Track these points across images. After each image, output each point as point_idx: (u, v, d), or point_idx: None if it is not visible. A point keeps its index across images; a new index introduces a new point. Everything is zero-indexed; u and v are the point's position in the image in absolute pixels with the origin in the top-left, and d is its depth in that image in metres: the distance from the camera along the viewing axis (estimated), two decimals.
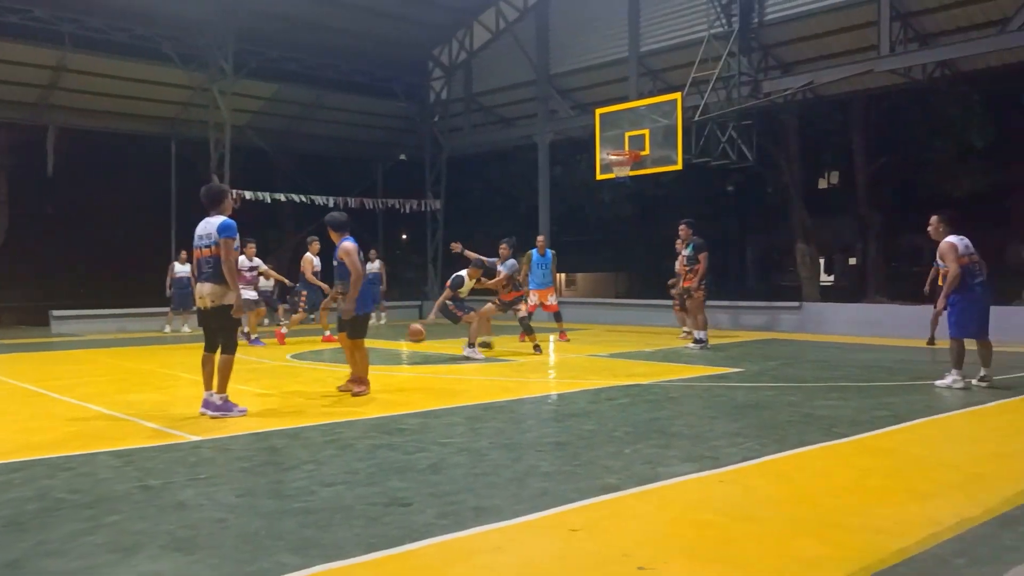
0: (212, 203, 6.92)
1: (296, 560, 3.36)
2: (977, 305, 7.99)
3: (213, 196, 6.96)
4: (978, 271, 7.99)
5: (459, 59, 23.13)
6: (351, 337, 7.89)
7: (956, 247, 7.90)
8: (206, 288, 6.72)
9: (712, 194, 30.77)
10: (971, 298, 7.95)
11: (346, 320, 7.87)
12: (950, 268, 7.87)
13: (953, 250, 7.89)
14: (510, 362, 11.09)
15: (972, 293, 7.94)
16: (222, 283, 6.70)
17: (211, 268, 6.70)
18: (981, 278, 8.00)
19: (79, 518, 3.95)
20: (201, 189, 7.10)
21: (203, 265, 6.75)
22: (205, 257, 6.73)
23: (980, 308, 8.02)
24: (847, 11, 15.75)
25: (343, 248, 7.80)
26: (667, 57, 18.59)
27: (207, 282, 6.71)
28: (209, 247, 6.72)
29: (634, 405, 7.33)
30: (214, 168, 19.25)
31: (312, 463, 5.10)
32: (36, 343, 14.98)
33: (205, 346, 6.93)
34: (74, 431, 6.26)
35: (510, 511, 4.03)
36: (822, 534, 3.69)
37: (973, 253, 8.01)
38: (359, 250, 7.94)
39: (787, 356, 11.66)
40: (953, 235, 8.03)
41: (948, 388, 7.95)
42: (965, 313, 7.95)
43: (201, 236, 6.81)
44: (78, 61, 18.14)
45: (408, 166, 25.20)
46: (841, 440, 5.74)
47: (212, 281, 6.70)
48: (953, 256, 7.86)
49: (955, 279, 7.85)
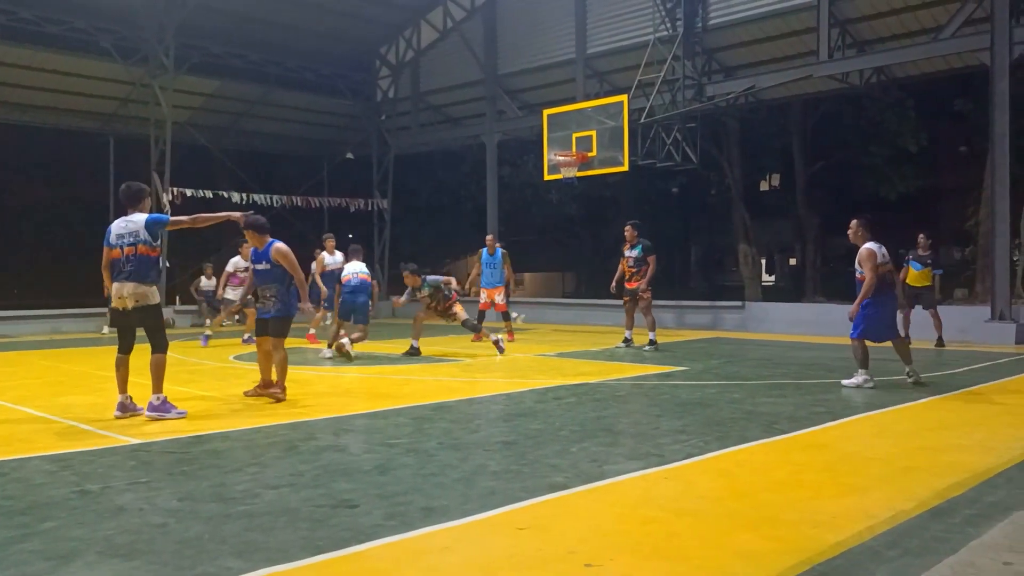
0: (132, 201, 6.80)
1: (240, 564, 3.31)
2: (885, 309, 8.16)
3: (133, 194, 6.83)
4: (890, 279, 8.19)
5: (406, 58, 23.01)
6: (275, 335, 7.62)
7: (876, 255, 7.97)
8: (127, 288, 6.58)
9: (657, 195, 31.18)
10: (882, 302, 8.09)
11: (275, 321, 7.62)
12: (867, 275, 7.92)
13: (873, 257, 7.95)
14: (458, 362, 11.09)
15: (884, 297, 8.09)
16: (145, 283, 6.62)
17: (132, 267, 6.58)
18: (890, 285, 8.21)
19: (12, 525, 3.83)
20: (120, 187, 6.98)
21: (124, 264, 6.60)
22: (127, 256, 6.59)
23: (889, 312, 8.22)
24: (787, 17, 16.11)
25: (279, 250, 7.58)
26: (614, 59, 18.78)
27: (129, 281, 6.58)
28: (132, 246, 6.59)
29: (581, 404, 7.39)
30: (154, 165, 18.83)
31: (255, 465, 5.03)
32: None
33: (120, 348, 6.81)
34: (6, 434, 6.06)
35: (458, 511, 4.03)
36: (762, 528, 3.78)
37: (888, 262, 8.14)
38: None
39: (730, 354, 11.89)
40: (872, 242, 8.10)
41: (858, 387, 8.02)
42: (874, 318, 8.07)
43: (122, 235, 6.65)
44: (9, 54, 17.57)
45: (355, 165, 24.99)
46: (780, 436, 5.87)
47: (135, 280, 6.58)
48: (872, 263, 7.92)
49: (871, 287, 7.91)
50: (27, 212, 27.68)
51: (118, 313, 6.72)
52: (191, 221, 7.15)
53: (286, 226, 21.65)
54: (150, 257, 6.66)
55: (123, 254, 6.61)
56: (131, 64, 18.58)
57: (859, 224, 8.28)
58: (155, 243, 6.70)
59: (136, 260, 6.58)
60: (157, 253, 6.74)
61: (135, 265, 6.58)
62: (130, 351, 6.82)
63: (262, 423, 6.50)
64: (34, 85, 18.91)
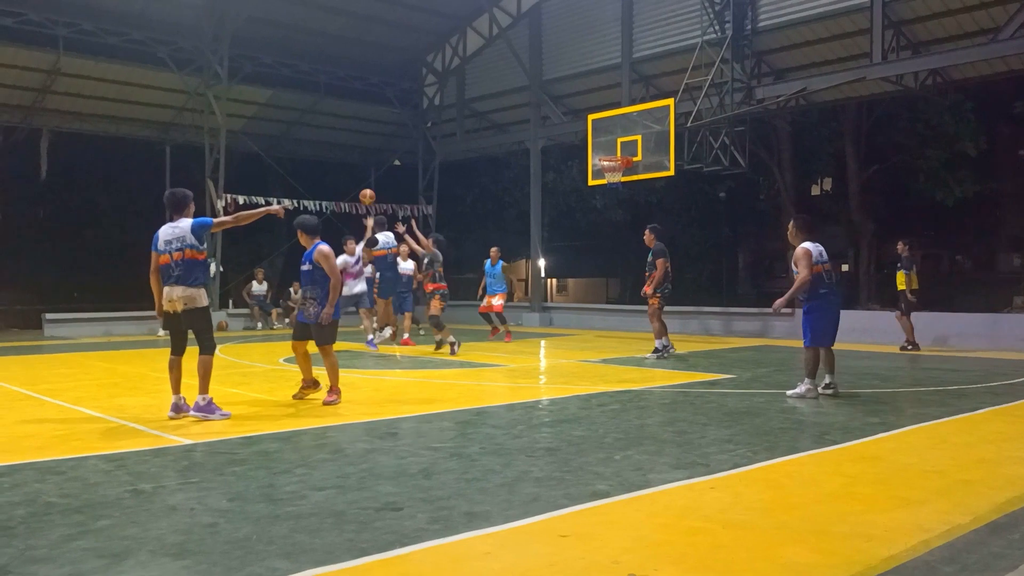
0: (177, 208, 6.96)
1: (287, 565, 3.35)
2: (829, 314, 8.01)
3: (178, 201, 6.99)
4: (827, 279, 7.98)
5: (452, 65, 23.17)
6: (321, 343, 7.64)
7: (811, 253, 7.88)
8: (177, 291, 6.74)
9: (704, 200, 30.87)
10: (823, 307, 7.96)
11: (321, 325, 7.58)
12: (801, 273, 7.82)
13: (807, 256, 7.86)
14: (502, 367, 11.10)
15: (824, 302, 7.96)
16: (194, 286, 6.78)
17: (181, 271, 6.74)
18: (830, 286, 8.00)
19: (68, 523, 3.93)
20: (165, 194, 7.16)
21: (173, 269, 6.76)
22: (175, 261, 6.75)
23: (832, 317, 8.05)
24: (840, 19, 15.83)
25: (321, 252, 7.58)
26: (660, 63, 18.66)
27: (178, 285, 6.74)
28: (180, 251, 6.75)
29: (625, 411, 7.34)
30: (208, 172, 19.25)
31: (303, 467, 5.09)
32: (28, 346, 14.92)
33: (173, 350, 6.97)
34: (64, 434, 6.24)
35: (501, 517, 4.03)
36: (811, 541, 3.70)
37: (826, 261, 8.02)
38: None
39: (779, 363, 11.69)
40: (809, 241, 8.02)
41: (801, 398, 7.86)
42: (819, 323, 7.97)
43: (169, 241, 6.80)
44: (72, 64, 18.12)
45: (401, 171, 25.23)
46: (831, 447, 5.75)
47: (183, 284, 6.74)
48: (807, 262, 7.83)
49: (803, 284, 7.81)
50: (87, 218, 28.51)
51: (169, 316, 6.88)
52: (234, 220, 7.32)
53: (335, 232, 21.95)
54: (197, 261, 6.82)
55: (171, 259, 6.77)
56: (187, 74, 19.05)
57: (794, 225, 8.27)
58: (201, 247, 6.86)
59: (184, 264, 6.74)
60: (204, 256, 6.91)
61: (183, 269, 6.74)
62: (182, 352, 6.98)
63: (310, 425, 6.59)
64: (95, 95, 19.48)
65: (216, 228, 7.20)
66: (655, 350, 11.94)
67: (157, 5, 17.83)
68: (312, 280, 7.63)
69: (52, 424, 6.71)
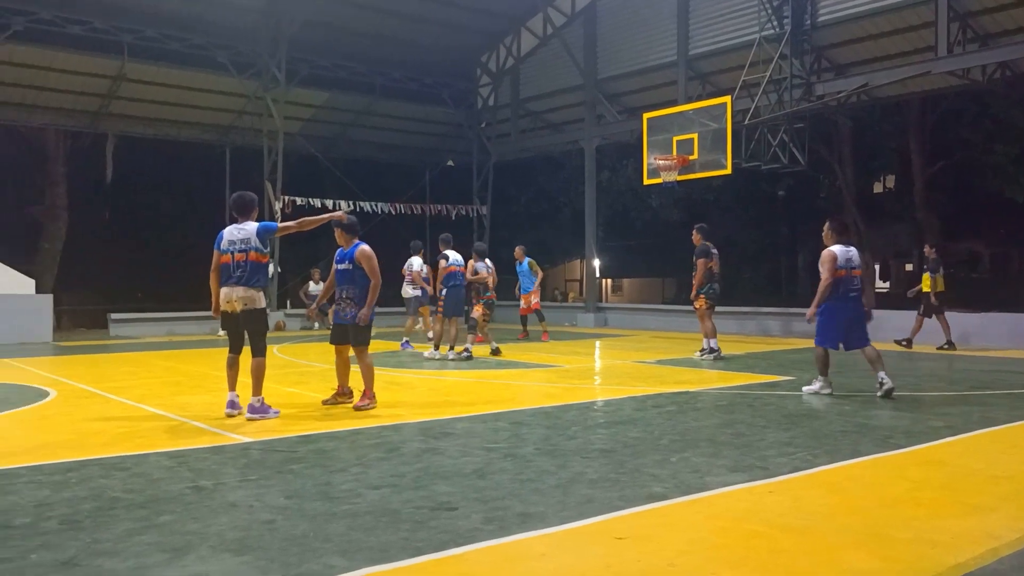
0: (244, 211, 7.09)
1: (343, 563, 3.38)
2: (843, 316, 8.05)
3: (245, 204, 7.13)
4: (854, 285, 8.05)
5: (506, 65, 23.21)
6: (356, 344, 7.51)
7: (836, 258, 7.96)
8: (237, 292, 6.86)
9: (762, 198, 30.33)
10: (840, 309, 8.01)
11: (358, 327, 7.44)
12: (823, 277, 7.95)
13: (832, 261, 7.95)
14: (556, 368, 11.07)
15: (843, 304, 8.01)
16: (254, 287, 6.89)
17: (243, 273, 6.86)
18: (846, 292, 8.02)
19: (132, 518, 4.04)
20: (232, 196, 7.25)
21: (234, 269, 6.87)
22: (237, 262, 6.87)
23: (847, 319, 8.07)
24: (903, 12, 15.41)
25: (364, 252, 7.44)
26: (717, 60, 18.41)
27: (238, 286, 6.86)
28: (244, 252, 6.86)
29: (681, 413, 7.25)
30: (267, 175, 19.62)
31: (359, 466, 5.14)
32: (94, 345, 15.41)
33: (231, 348, 7.13)
34: (128, 431, 6.41)
35: (555, 518, 4.01)
36: (874, 547, 3.60)
37: (855, 267, 8.07)
38: None
39: (840, 364, 11.38)
40: (840, 244, 8.10)
41: (816, 394, 8.05)
42: (830, 323, 8.05)
43: (233, 241, 6.92)
44: (136, 70, 18.64)
45: (456, 172, 25.36)
46: (895, 451, 5.59)
47: (244, 285, 6.86)
48: (829, 266, 7.94)
49: (826, 289, 7.93)
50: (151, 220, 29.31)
51: (226, 315, 7.01)
52: (297, 225, 7.45)
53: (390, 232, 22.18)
54: (260, 263, 6.93)
55: (233, 260, 6.89)
56: (246, 78, 19.46)
57: (829, 226, 8.32)
58: (265, 250, 6.97)
59: (247, 266, 6.86)
60: (266, 260, 7.01)
61: (245, 270, 6.86)
62: (239, 351, 7.12)
63: (366, 424, 6.65)
64: (157, 100, 20.01)
65: (280, 233, 7.30)
66: (702, 349, 11.92)
67: (217, 11, 18.25)
68: (351, 280, 7.50)
69: (117, 421, 6.90)
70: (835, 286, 7.96)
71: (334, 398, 7.70)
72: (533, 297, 15.43)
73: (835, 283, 7.94)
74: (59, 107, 19.28)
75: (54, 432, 6.46)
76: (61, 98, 18.97)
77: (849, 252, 8.09)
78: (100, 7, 17.28)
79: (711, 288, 11.92)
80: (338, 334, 7.68)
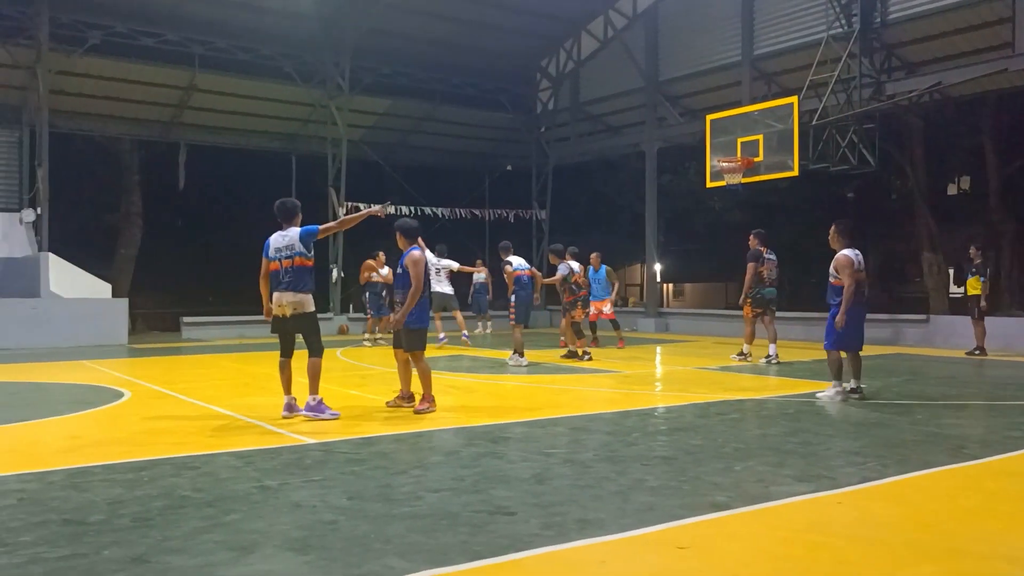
0: (287, 217, 7.25)
1: (403, 564, 3.41)
2: (860, 320, 8.14)
3: (288, 210, 7.28)
4: (865, 288, 8.15)
5: (566, 69, 23.18)
6: (407, 350, 7.54)
7: (853, 262, 7.96)
8: (287, 297, 7.04)
9: (831, 200, 29.58)
10: (857, 313, 8.05)
11: (400, 333, 7.52)
12: (846, 282, 7.89)
13: (850, 264, 7.94)
14: (616, 373, 10.99)
15: (859, 308, 8.07)
16: (302, 291, 7.06)
17: (291, 278, 7.03)
18: (861, 294, 8.11)
19: (201, 516, 4.14)
20: (276, 203, 7.40)
21: (283, 275, 7.06)
22: (285, 268, 7.06)
23: (861, 322, 8.17)
24: (978, 8, 14.87)
25: (411, 257, 7.46)
26: (782, 60, 18.06)
27: (288, 291, 7.04)
28: (290, 258, 7.04)
29: (744, 420, 7.12)
30: (330, 181, 19.98)
31: (419, 469, 5.18)
32: (167, 347, 15.90)
33: (282, 352, 7.30)
34: (198, 431, 6.59)
35: (615, 525, 3.97)
36: (947, 561, 3.47)
37: (862, 270, 8.10)
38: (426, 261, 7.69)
39: (912, 371, 11.08)
40: (849, 248, 8.08)
41: (831, 399, 8.00)
42: (850, 326, 8.01)
43: (279, 248, 7.12)
44: (206, 81, 19.18)
45: (515, 176, 25.43)
46: (970, 462, 5.40)
47: (292, 290, 7.03)
48: (850, 271, 7.91)
49: (851, 294, 7.88)
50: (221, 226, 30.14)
51: (277, 320, 7.20)
52: (338, 224, 7.76)
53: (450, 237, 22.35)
54: (305, 267, 7.09)
55: (281, 266, 7.08)
56: (311, 87, 19.87)
57: (836, 230, 8.30)
58: (309, 254, 7.13)
59: (293, 271, 7.04)
60: (311, 263, 7.16)
61: (293, 276, 7.04)
62: (291, 355, 7.29)
63: (426, 427, 6.71)
64: (227, 109, 20.57)
65: (322, 234, 7.36)
66: (767, 356, 11.92)
67: (284, 22, 18.67)
68: (402, 284, 7.55)
69: (187, 421, 7.10)
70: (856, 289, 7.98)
71: (396, 401, 7.77)
72: (605, 306, 15.09)
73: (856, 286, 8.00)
74: (134, 117, 19.96)
75: (127, 431, 6.68)
76: (135, 108, 19.64)
77: (858, 255, 8.13)
78: (172, 20, 17.86)
79: (759, 293, 11.95)
80: (397, 338, 7.72)
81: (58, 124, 18.14)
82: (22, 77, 17.51)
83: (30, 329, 15.24)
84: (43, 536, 3.81)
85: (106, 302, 16.78)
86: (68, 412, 7.66)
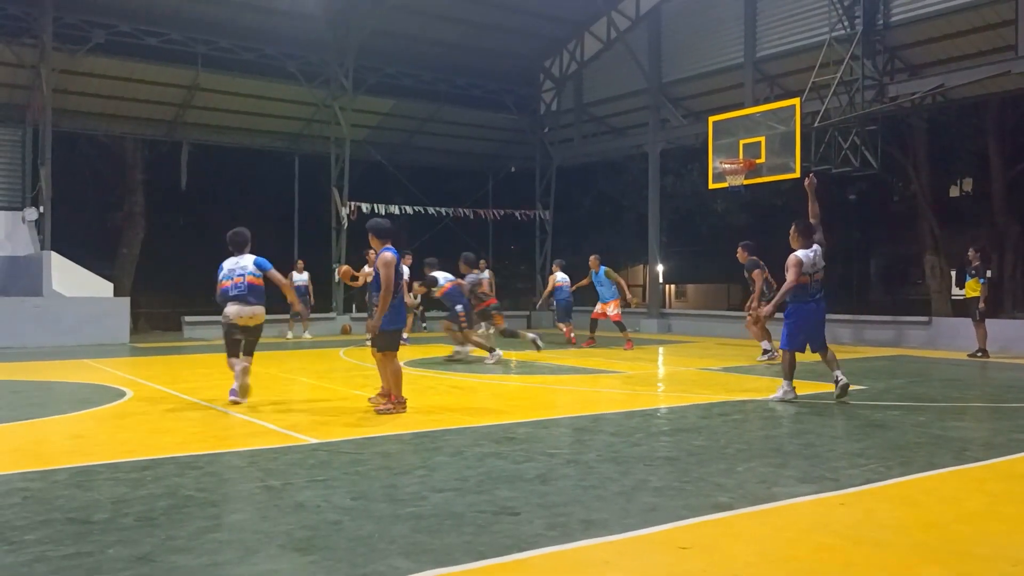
0: (239, 247, 8.19)
1: (408, 564, 3.42)
2: (809, 320, 8.20)
3: (241, 241, 8.20)
4: (812, 289, 8.13)
5: (570, 70, 23.19)
6: (379, 350, 7.51)
7: (802, 263, 8.02)
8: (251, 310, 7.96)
9: (833, 203, 29.57)
10: (805, 313, 8.15)
11: (380, 332, 7.46)
12: (788, 280, 8.01)
13: (798, 266, 8.01)
14: (619, 374, 10.99)
15: (807, 308, 8.15)
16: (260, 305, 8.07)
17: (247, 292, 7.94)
18: (814, 296, 8.15)
19: (205, 516, 4.15)
20: (228, 234, 8.29)
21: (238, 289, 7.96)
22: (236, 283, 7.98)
23: (813, 322, 8.23)
24: (981, 10, 14.86)
25: (383, 259, 7.31)
26: (785, 62, 18.05)
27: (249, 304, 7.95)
28: (242, 276, 7.96)
29: (748, 421, 7.12)
30: (334, 181, 20.00)
31: (423, 469, 5.19)
32: (169, 347, 15.91)
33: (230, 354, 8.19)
34: (202, 431, 6.60)
35: (619, 525, 3.98)
36: (951, 563, 3.47)
37: (818, 271, 8.14)
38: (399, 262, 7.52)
39: (915, 373, 11.07)
40: (804, 248, 8.15)
41: (780, 401, 8.08)
42: (796, 326, 8.17)
43: (232, 269, 8.07)
44: (210, 80, 19.20)
45: (518, 177, 25.45)
46: (973, 464, 5.39)
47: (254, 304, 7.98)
48: (796, 270, 8.00)
49: (788, 291, 8.04)
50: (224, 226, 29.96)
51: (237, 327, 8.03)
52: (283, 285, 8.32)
53: (453, 237, 22.38)
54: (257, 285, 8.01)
55: (232, 281, 7.97)
56: (315, 87, 19.89)
57: (795, 230, 8.35)
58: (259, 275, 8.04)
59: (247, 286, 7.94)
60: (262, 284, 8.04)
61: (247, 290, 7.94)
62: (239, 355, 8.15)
63: (430, 428, 6.71)
64: (230, 109, 20.60)
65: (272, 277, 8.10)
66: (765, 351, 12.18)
67: (288, 22, 18.70)
68: (375, 286, 7.46)
69: (190, 421, 7.11)
70: (799, 290, 8.08)
71: (376, 398, 7.78)
72: (611, 307, 15.09)
73: (799, 287, 8.06)
74: (137, 116, 19.99)
75: (131, 431, 6.69)
76: (139, 108, 19.66)
77: (815, 256, 8.17)
78: (176, 19, 17.90)
79: (769, 296, 11.90)
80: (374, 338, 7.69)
81: (61, 123, 18.18)
82: (26, 76, 17.55)
83: (33, 328, 15.27)
84: (48, 535, 3.82)
85: (108, 301, 16.80)
86: (71, 411, 7.68)
